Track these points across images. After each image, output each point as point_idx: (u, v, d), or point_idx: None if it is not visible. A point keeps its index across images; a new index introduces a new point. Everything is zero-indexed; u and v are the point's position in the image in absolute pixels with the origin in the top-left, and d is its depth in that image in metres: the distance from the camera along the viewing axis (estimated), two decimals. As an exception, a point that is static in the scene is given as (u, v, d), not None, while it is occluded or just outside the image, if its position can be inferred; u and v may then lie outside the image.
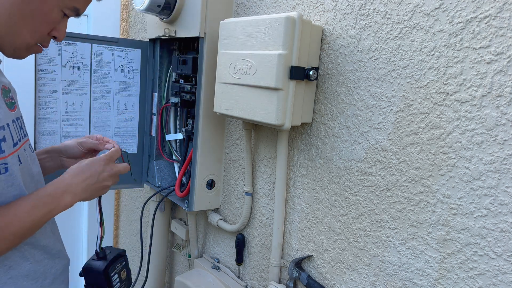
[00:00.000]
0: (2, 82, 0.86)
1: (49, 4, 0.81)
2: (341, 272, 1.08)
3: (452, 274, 0.85)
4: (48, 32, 0.86)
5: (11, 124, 0.84)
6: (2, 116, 0.81)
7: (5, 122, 0.81)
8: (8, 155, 0.81)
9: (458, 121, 0.82)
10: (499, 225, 0.77)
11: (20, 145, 0.88)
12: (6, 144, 0.81)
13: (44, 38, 0.87)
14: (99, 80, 1.57)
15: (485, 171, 0.78)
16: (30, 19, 0.81)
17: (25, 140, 0.92)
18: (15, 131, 0.86)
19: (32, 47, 0.86)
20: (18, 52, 0.86)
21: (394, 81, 0.92)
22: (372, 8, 0.96)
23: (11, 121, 0.85)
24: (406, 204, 0.92)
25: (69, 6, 0.85)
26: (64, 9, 0.84)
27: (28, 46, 0.85)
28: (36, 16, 0.81)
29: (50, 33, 0.86)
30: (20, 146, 0.87)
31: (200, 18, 1.30)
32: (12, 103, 0.88)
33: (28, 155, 0.91)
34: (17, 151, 0.85)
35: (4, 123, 0.81)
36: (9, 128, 0.83)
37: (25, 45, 0.84)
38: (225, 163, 1.47)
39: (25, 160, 0.89)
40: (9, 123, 0.83)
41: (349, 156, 1.03)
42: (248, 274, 1.42)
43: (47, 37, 0.87)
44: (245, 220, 1.37)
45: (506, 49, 0.74)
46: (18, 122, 0.89)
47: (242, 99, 1.10)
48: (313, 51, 1.06)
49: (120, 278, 1.02)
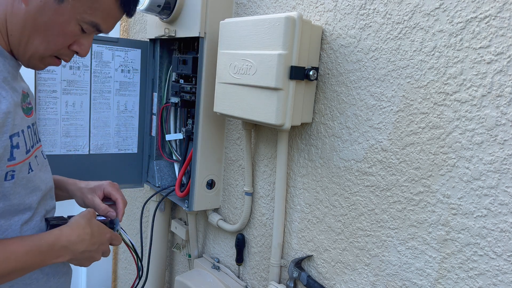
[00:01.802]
0: (22, 87, 0.84)
1: (65, 16, 0.77)
2: (341, 272, 1.08)
3: (452, 274, 0.85)
4: (68, 46, 0.82)
5: (26, 131, 0.82)
6: (18, 122, 0.78)
7: (20, 128, 0.79)
8: (18, 163, 0.78)
9: (458, 121, 0.82)
10: (499, 225, 0.77)
11: (32, 152, 0.85)
12: (19, 151, 0.78)
13: (63, 52, 0.83)
14: (99, 80, 1.57)
15: (485, 171, 0.78)
16: (43, 30, 0.77)
17: (37, 146, 0.89)
18: (29, 137, 0.83)
19: (46, 58, 0.83)
20: (33, 63, 0.83)
21: (394, 81, 0.92)
22: (372, 8, 0.96)
23: (27, 127, 0.82)
24: (406, 204, 0.92)
25: (86, 20, 0.79)
26: (81, 23, 0.80)
27: (42, 57, 0.82)
28: (50, 27, 0.78)
29: (70, 47, 0.83)
30: (32, 153, 0.84)
31: (200, 18, 1.30)
32: (29, 108, 0.85)
33: (39, 162, 0.88)
34: (28, 158, 0.82)
35: (20, 129, 0.79)
36: (23, 134, 0.80)
37: (38, 56, 0.81)
38: (225, 163, 1.47)
39: (36, 167, 0.86)
40: (24, 130, 0.81)
41: (349, 156, 1.03)
42: (248, 274, 1.42)
43: (67, 50, 0.83)
44: (245, 220, 1.37)
45: (506, 49, 0.74)
46: (33, 128, 0.87)
47: (242, 99, 1.10)
48: (313, 51, 1.06)
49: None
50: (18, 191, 0.80)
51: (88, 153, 1.59)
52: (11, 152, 0.76)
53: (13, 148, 0.76)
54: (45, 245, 0.80)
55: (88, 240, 0.86)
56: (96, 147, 1.61)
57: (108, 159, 1.63)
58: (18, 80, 0.85)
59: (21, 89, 0.83)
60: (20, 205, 0.81)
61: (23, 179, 0.81)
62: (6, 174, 0.76)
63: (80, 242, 0.84)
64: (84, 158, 1.58)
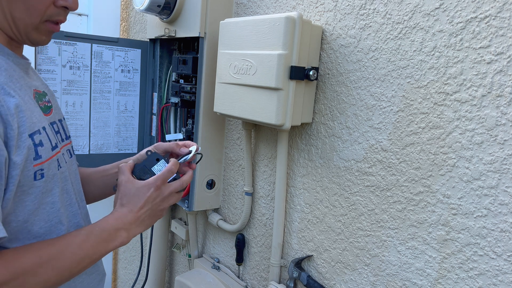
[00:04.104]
0: (33, 86, 0.81)
1: None
2: (341, 272, 1.08)
3: (452, 274, 0.85)
4: (53, 3, 0.76)
5: (48, 128, 0.79)
6: (36, 119, 0.76)
7: (40, 126, 0.77)
8: (45, 160, 0.76)
9: (458, 121, 0.82)
10: (499, 225, 0.77)
11: (60, 148, 0.83)
12: (44, 149, 0.76)
13: (52, 12, 0.76)
14: (99, 80, 1.57)
15: (485, 171, 0.78)
16: None
17: (64, 143, 0.87)
18: (53, 134, 0.81)
19: (40, 27, 0.77)
20: (33, 38, 0.78)
21: (394, 81, 0.92)
22: (372, 8, 0.96)
23: (48, 124, 0.80)
24: (406, 204, 0.92)
25: None
26: None
27: (35, 27, 0.76)
28: None
29: (56, 3, 0.76)
30: (59, 150, 0.83)
31: (200, 18, 1.30)
32: (48, 106, 0.83)
33: (67, 160, 0.86)
34: (56, 155, 0.80)
35: (40, 127, 0.76)
36: (45, 131, 0.78)
37: (31, 27, 0.76)
38: (225, 163, 1.47)
39: (64, 164, 0.84)
40: (46, 127, 0.79)
41: (349, 156, 1.03)
42: (248, 274, 1.42)
43: (55, 9, 0.76)
44: (245, 220, 1.37)
45: (506, 49, 0.74)
46: (55, 126, 0.85)
47: (242, 99, 1.10)
48: (313, 51, 1.06)
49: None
50: (50, 188, 0.79)
51: (88, 153, 1.59)
52: (36, 150, 0.74)
53: (36, 146, 0.74)
54: (100, 231, 0.78)
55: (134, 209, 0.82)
56: (96, 147, 1.61)
57: (108, 159, 1.63)
58: (29, 78, 0.82)
59: (32, 87, 0.81)
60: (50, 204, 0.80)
61: (54, 177, 0.79)
62: (36, 174, 0.74)
63: (129, 217, 0.82)
64: (84, 158, 1.58)
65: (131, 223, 0.82)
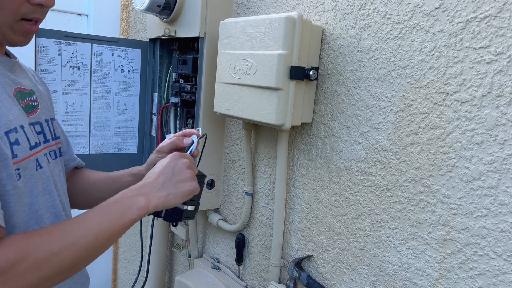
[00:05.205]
0: (17, 84, 0.80)
1: None
2: (341, 272, 1.08)
3: (452, 274, 0.85)
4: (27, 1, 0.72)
5: (27, 127, 0.77)
6: (13, 118, 0.74)
7: (18, 124, 0.75)
8: (22, 159, 0.74)
9: (458, 121, 0.82)
10: (499, 225, 0.77)
11: (42, 148, 0.82)
12: (20, 147, 0.74)
13: (26, 10, 0.73)
14: (99, 80, 1.57)
15: (485, 171, 0.78)
16: None
17: (50, 144, 0.85)
18: (32, 134, 0.79)
19: (15, 26, 0.73)
20: (10, 38, 0.75)
21: (394, 81, 0.92)
22: (372, 8, 0.96)
23: (28, 124, 0.79)
24: (406, 204, 0.92)
25: None
26: None
27: (10, 26, 0.73)
28: None
29: (31, 0, 0.72)
30: (40, 149, 0.81)
31: (200, 18, 1.30)
32: (31, 106, 0.81)
33: (50, 160, 0.84)
34: (34, 154, 0.79)
35: (17, 125, 0.75)
36: (23, 130, 0.76)
37: (6, 27, 0.73)
38: (225, 163, 1.47)
39: (46, 164, 0.82)
40: (24, 125, 0.77)
41: (349, 156, 1.03)
42: (248, 274, 1.42)
43: (30, 7, 0.73)
44: (245, 220, 1.37)
45: (506, 49, 0.74)
46: (36, 127, 0.82)
47: (242, 99, 1.10)
48: (313, 51, 1.06)
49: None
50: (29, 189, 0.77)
51: (88, 153, 1.59)
52: (11, 149, 0.73)
53: (12, 144, 0.73)
54: (114, 202, 0.74)
55: (152, 175, 0.80)
56: (96, 147, 1.61)
57: (108, 159, 1.63)
58: (14, 76, 0.81)
59: (16, 85, 0.79)
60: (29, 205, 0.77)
61: (33, 177, 0.77)
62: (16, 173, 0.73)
63: (147, 181, 0.79)
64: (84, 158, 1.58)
65: (149, 189, 0.77)
